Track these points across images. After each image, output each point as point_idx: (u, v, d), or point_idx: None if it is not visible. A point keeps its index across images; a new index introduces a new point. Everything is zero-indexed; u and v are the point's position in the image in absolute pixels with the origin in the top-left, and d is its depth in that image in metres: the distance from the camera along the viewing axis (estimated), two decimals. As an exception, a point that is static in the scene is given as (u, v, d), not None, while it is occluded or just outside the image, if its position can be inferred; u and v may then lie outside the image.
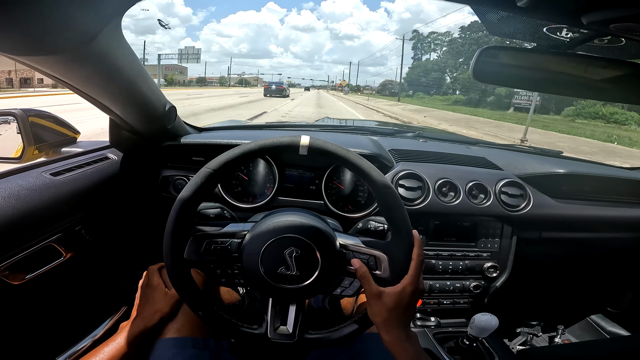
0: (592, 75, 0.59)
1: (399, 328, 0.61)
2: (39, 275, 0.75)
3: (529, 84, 0.62)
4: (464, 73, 44.53)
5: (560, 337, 1.46)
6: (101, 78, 0.66)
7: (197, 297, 0.64)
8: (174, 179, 1.09)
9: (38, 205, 0.75)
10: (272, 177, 1.09)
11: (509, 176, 1.13)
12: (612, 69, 0.58)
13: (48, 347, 0.82)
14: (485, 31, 0.67)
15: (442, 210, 1.07)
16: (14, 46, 0.48)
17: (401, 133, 1.56)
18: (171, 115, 0.98)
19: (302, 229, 0.63)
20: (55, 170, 0.85)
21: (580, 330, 1.54)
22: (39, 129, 0.95)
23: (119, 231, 1.06)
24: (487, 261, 1.13)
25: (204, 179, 0.61)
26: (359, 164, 0.62)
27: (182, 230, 0.62)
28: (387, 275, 0.63)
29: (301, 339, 0.66)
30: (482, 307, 1.17)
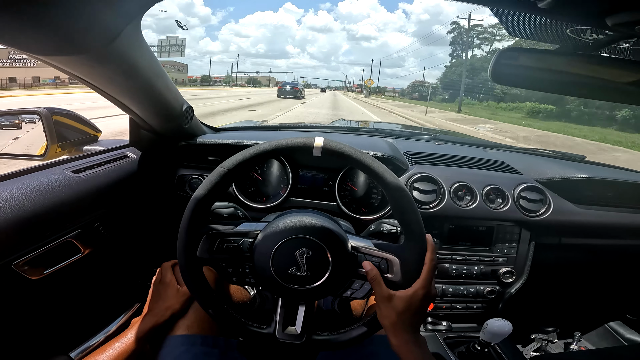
0: (617, 77, 0.57)
1: (407, 332, 0.60)
2: (56, 271, 0.77)
3: (551, 86, 0.60)
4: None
5: (577, 343, 1.42)
6: (122, 77, 0.68)
7: (208, 295, 0.65)
8: (189, 178, 1.10)
9: (59, 201, 0.77)
10: (285, 178, 1.09)
11: (528, 180, 1.11)
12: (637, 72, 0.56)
13: (62, 341, 0.83)
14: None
15: (457, 214, 1.05)
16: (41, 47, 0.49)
17: (417, 135, 1.54)
18: (188, 115, 1.00)
19: (314, 230, 0.63)
20: (77, 167, 0.88)
21: (598, 337, 1.49)
22: (63, 127, 0.99)
23: (135, 228, 1.08)
24: (503, 266, 1.10)
25: (218, 178, 0.62)
26: (373, 166, 0.62)
27: (196, 228, 0.62)
28: (399, 278, 0.63)
29: (309, 340, 0.66)
30: (495, 312, 1.15)
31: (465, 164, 1.16)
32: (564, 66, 0.57)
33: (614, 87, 0.57)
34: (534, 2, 0.44)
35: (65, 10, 0.43)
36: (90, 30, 0.49)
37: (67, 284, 0.83)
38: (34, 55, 0.51)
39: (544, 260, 1.16)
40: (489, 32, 44.39)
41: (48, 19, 0.43)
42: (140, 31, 0.61)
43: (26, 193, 0.72)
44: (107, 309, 0.99)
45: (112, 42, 0.54)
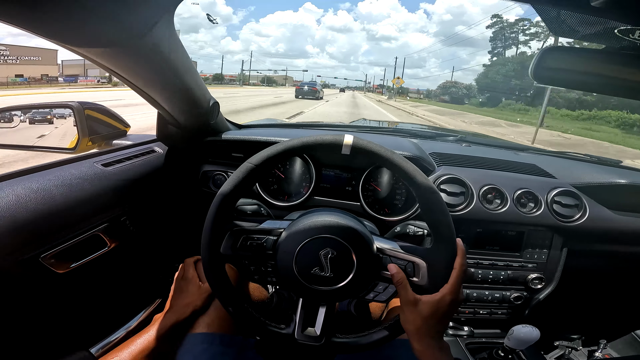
0: None
1: (432, 337, 0.59)
2: (81, 265, 0.78)
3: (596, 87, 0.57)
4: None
5: (602, 351, 1.36)
6: (154, 71, 0.69)
7: (229, 293, 0.64)
8: (213, 174, 1.11)
9: (88, 194, 0.78)
10: (308, 177, 1.08)
11: (563, 185, 1.06)
12: None
13: (83, 337, 0.84)
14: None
15: (486, 217, 1.02)
16: (79, 39, 0.50)
17: (442, 136, 1.50)
18: (215, 111, 1.01)
19: (340, 230, 0.62)
20: (107, 161, 0.89)
21: (623, 345, 1.42)
22: (93, 121, 1.01)
23: (159, 224, 1.09)
24: (532, 272, 1.07)
25: (245, 174, 0.61)
26: (404, 166, 0.61)
27: (220, 225, 0.62)
28: (425, 282, 0.61)
29: (328, 342, 0.65)
30: (521, 318, 1.11)
31: (495, 167, 1.12)
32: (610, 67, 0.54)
33: None
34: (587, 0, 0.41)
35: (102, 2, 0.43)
36: (126, 22, 0.50)
37: (90, 279, 0.83)
38: (72, 47, 0.52)
39: (575, 267, 1.12)
40: (541, 26, 36.34)
41: (86, 11, 0.43)
42: (173, 24, 0.61)
43: (57, 185, 0.73)
44: (128, 304, 1.00)
45: (147, 34, 0.54)
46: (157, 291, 1.07)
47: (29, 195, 0.67)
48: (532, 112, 24.52)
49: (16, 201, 0.65)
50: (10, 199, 0.64)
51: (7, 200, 0.64)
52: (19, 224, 0.64)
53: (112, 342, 0.87)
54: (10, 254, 0.63)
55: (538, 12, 0.56)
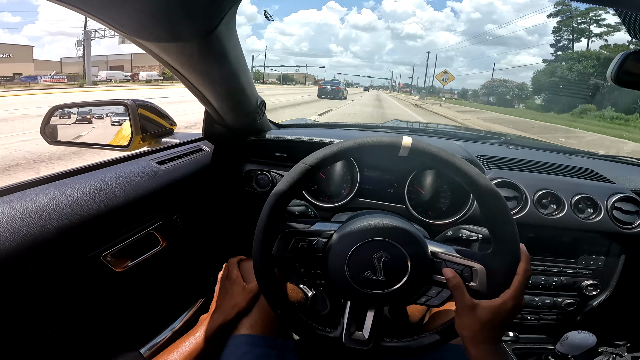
0: None
1: (490, 343, 0.57)
2: (138, 263, 0.78)
3: None
4: None
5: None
6: (211, 68, 0.69)
7: (278, 295, 0.64)
8: (256, 174, 1.11)
9: (146, 192, 0.79)
10: (349, 178, 1.07)
11: (623, 190, 1.02)
12: None
13: (133, 336, 0.85)
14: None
15: (540, 223, 0.99)
16: (149, 33, 0.52)
17: (484, 139, 1.45)
18: (262, 110, 1.01)
19: (394, 233, 0.61)
20: (161, 159, 0.91)
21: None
22: (145, 119, 1.04)
23: (207, 223, 1.10)
24: (587, 279, 1.04)
25: (300, 175, 0.61)
26: (466, 170, 0.59)
27: (273, 225, 0.62)
28: (483, 288, 0.59)
29: (377, 346, 0.64)
30: (571, 324, 1.09)
31: (549, 170, 1.08)
32: None
33: None
34: None
35: None
36: (195, 17, 0.50)
37: (142, 278, 0.84)
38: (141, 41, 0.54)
39: (632, 274, 1.08)
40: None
41: (158, 6, 0.44)
42: (235, 22, 0.62)
43: (118, 183, 0.74)
44: (174, 304, 1.00)
45: (214, 30, 0.55)
46: (201, 291, 1.08)
47: (93, 193, 0.68)
48: (632, 121, 17.63)
49: (81, 198, 0.66)
50: (75, 196, 0.65)
51: (72, 197, 0.65)
52: (84, 221, 0.65)
53: (159, 342, 0.88)
54: (76, 251, 0.64)
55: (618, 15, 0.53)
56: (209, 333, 0.75)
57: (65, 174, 0.71)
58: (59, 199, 0.63)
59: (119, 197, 0.72)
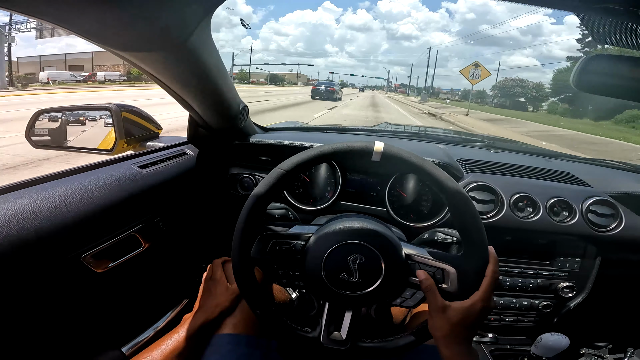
0: None
1: (461, 344, 0.59)
2: (119, 265, 0.80)
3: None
4: None
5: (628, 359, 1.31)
6: (190, 75, 0.71)
7: (257, 296, 0.65)
8: (241, 177, 1.13)
9: (127, 195, 0.81)
10: (333, 181, 1.08)
11: (599, 194, 1.04)
12: None
13: (115, 336, 0.86)
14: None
15: (516, 226, 1.00)
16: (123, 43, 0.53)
17: (469, 142, 1.47)
18: (244, 115, 1.03)
19: (369, 235, 0.62)
20: (143, 163, 0.92)
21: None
22: (129, 123, 1.05)
23: (189, 225, 1.12)
24: (563, 281, 1.05)
25: (276, 179, 0.62)
26: (435, 174, 0.61)
27: (252, 228, 0.63)
28: (454, 289, 0.61)
29: (354, 346, 0.66)
30: (548, 326, 1.10)
31: (527, 174, 1.10)
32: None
33: None
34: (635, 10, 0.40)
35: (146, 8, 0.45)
36: (167, 27, 0.52)
37: (124, 279, 0.85)
38: (115, 51, 0.55)
39: (608, 276, 1.10)
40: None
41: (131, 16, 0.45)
42: (210, 29, 0.63)
43: (98, 186, 0.76)
44: (158, 304, 1.01)
45: (187, 39, 0.56)
46: (185, 291, 1.09)
47: (73, 196, 0.70)
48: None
49: (61, 202, 0.67)
50: (55, 199, 0.67)
51: (52, 201, 0.66)
52: (63, 224, 0.66)
53: (141, 341, 0.89)
54: (55, 253, 0.65)
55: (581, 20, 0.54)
56: (191, 332, 0.76)
57: (46, 178, 0.72)
58: (38, 202, 0.64)
59: (98, 200, 0.74)
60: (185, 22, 0.53)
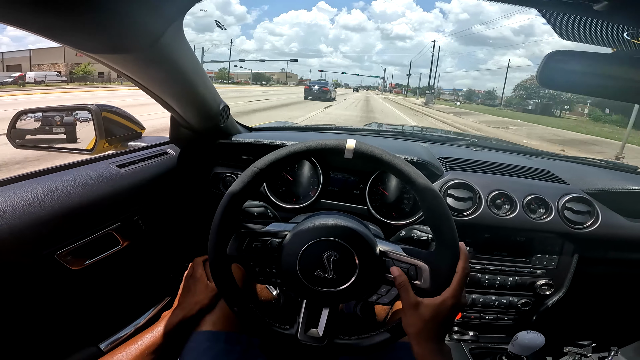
0: None
1: (432, 341, 0.59)
2: (95, 262, 0.80)
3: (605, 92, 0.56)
4: None
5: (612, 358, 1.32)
6: (165, 76, 0.71)
7: (234, 293, 0.66)
8: (223, 176, 1.14)
9: (103, 194, 0.82)
10: (316, 180, 1.09)
11: (575, 191, 1.05)
12: None
13: (93, 332, 0.86)
14: None
15: (494, 223, 1.01)
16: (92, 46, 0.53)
17: (453, 141, 1.49)
18: (225, 114, 1.03)
19: (342, 232, 0.63)
20: (122, 162, 0.93)
21: (634, 352, 1.38)
22: (110, 123, 1.05)
23: (171, 223, 1.12)
24: (540, 278, 1.06)
25: (250, 177, 0.63)
26: (406, 171, 0.61)
27: (227, 225, 0.64)
28: (427, 286, 0.61)
29: (330, 343, 0.66)
30: (528, 324, 1.10)
31: (505, 172, 1.11)
32: (620, 71, 0.53)
33: None
34: (589, 4, 0.41)
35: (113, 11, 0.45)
36: (136, 30, 0.52)
37: (103, 276, 0.86)
38: (86, 53, 0.55)
39: (586, 274, 1.10)
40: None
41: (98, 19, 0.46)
42: (182, 31, 0.64)
43: (74, 185, 0.76)
44: (138, 301, 1.02)
45: (157, 42, 0.57)
46: (167, 289, 1.09)
47: (47, 195, 0.70)
48: None
49: (35, 200, 0.68)
50: (29, 197, 0.67)
51: (27, 199, 0.67)
52: (38, 222, 0.67)
53: (121, 338, 0.90)
54: (29, 250, 0.66)
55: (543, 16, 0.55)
56: (169, 328, 0.76)
57: (21, 177, 0.73)
58: (13, 201, 0.65)
59: (74, 199, 0.74)
60: (155, 24, 0.54)
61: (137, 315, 0.99)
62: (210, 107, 0.93)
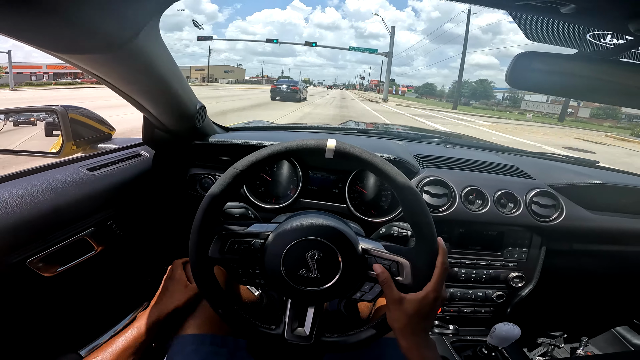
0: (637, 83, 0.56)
1: (417, 335, 0.60)
2: (69, 269, 0.78)
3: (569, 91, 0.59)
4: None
5: (583, 348, 1.40)
6: (139, 76, 0.69)
7: (218, 295, 0.65)
8: (201, 178, 1.11)
9: (74, 199, 0.78)
10: (295, 179, 1.09)
11: (541, 186, 1.10)
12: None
13: (72, 339, 0.84)
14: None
15: (468, 218, 1.05)
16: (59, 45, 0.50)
17: (427, 138, 1.53)
18: (201, 115, 1.01)
19: (325, 231, 0.63)
20: (92, 165, 0.89)
21: (605, 342, 1.48)
22: (78, 125, 1.01)
23: (147, 227, 1.09)
24: (512, 271, 1.10)
25: (231, 179, 0.62)
26: (385, 169, 0.62)
27: (208, 227, 0.63)
28: (409, 281, 0.63)
29: (318, 341, 0.66)
30: (503, 316, 1.15)
31: (477, 168, 1.15)
32: (583, 71, 0.56)
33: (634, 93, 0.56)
34: (556, 7, 0.43)
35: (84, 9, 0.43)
36: (109, 28, 0.50)
37: (79, 282, 0.83)
38: (53, 53, 0.52)
39: (554, 266, 1.16)
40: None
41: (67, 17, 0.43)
42: (159, 30, 0.62)
43: (43, 190, 0.73)
44: (117, 307, 1.00)
45: (131, 41, 0.55)
46: (146, 294, 1.07)
47: (15, 201, 0.68)
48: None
49: (2, 207, 0.65)
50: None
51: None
52: (6, 229, 0.64)
53: (100, 344, 0.87)
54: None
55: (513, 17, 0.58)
56: (143, 329, 0.74)
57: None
58: None
59: (43, 204, 0.71)
60: (130, 23, 0.52)
61: (118, 320, 0.97)
62: (186, 107, 0.91)
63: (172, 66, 0.74)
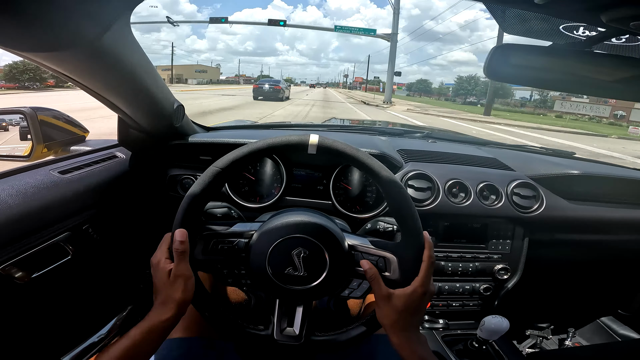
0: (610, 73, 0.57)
1: (408, 330, 0.60)
2: (44, 274, 0.75)
3: (544, 83, 0.60)
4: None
5: (571, 339, 1.44)
6: (111, 75, 0.66)
7: (203, 298, 0.63)
8: (181, 178, 1.09)
9: (46, 203, 0.75)
10: (279, 177, 1.08)
11: (521, 177, 1.12)
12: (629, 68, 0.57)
13: (53, 346, 0.82)
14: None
15: (452, 211, 1.05)
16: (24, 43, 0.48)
17: (409, 133, 1.54)
18: (179, 114, 0.98)
19: (310, 229, 0.62)
20: (64, 168, 0.86)
21: (591, 332, 1.51)
22: (48, 127, 0.96)
23: (126, 230, 1.06)
24: (497, 263, 1.11)
25: (211, 178, 0.61)
26: (369, 164, 0.62)
27: (189, 228, 0.61)
28: (397, 276, 0.62)
29: (308, 340, 0.66)
30: (491, 309, 1.16)
31: (459, 161, 1.16)
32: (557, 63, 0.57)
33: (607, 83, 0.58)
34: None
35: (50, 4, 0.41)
36: (77, 25, 0.48)
37: (56, 288, 0.81)
38: (17, 52, 0.49)
39: (538, 257, 1.18)
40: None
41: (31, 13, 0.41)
42: (130, 27, 0.60)
43: (11, 195, 0.70)
44: (99, 312, 0.97)
45: (101, 37, 0.53)
46: (129, 298, 1.05)
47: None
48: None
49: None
50: None
51: None
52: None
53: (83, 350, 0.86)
54: None
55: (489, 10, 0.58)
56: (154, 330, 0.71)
57: None
58: None
59: (13, 209, 0.69)
60: (98, 20, 0.50)
61: (100, 326, 0.95)
62: (162, 107, 0.88)
63: (146, 64, 0.72)
